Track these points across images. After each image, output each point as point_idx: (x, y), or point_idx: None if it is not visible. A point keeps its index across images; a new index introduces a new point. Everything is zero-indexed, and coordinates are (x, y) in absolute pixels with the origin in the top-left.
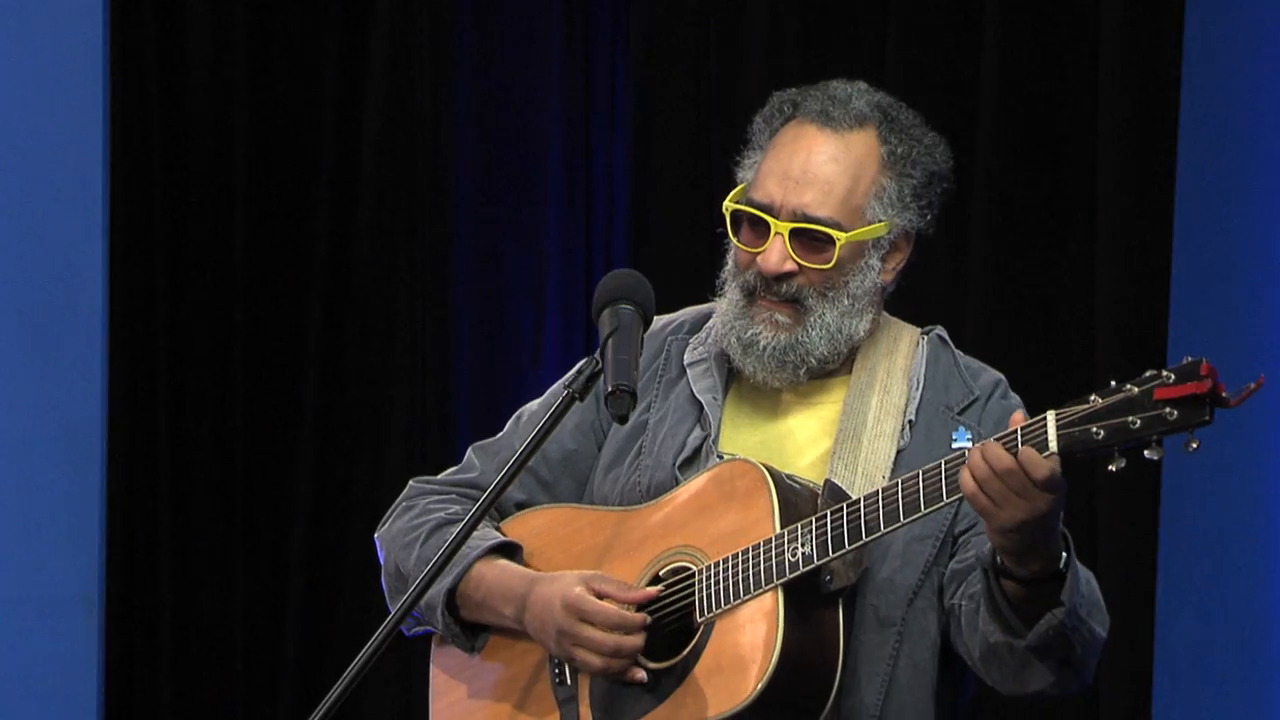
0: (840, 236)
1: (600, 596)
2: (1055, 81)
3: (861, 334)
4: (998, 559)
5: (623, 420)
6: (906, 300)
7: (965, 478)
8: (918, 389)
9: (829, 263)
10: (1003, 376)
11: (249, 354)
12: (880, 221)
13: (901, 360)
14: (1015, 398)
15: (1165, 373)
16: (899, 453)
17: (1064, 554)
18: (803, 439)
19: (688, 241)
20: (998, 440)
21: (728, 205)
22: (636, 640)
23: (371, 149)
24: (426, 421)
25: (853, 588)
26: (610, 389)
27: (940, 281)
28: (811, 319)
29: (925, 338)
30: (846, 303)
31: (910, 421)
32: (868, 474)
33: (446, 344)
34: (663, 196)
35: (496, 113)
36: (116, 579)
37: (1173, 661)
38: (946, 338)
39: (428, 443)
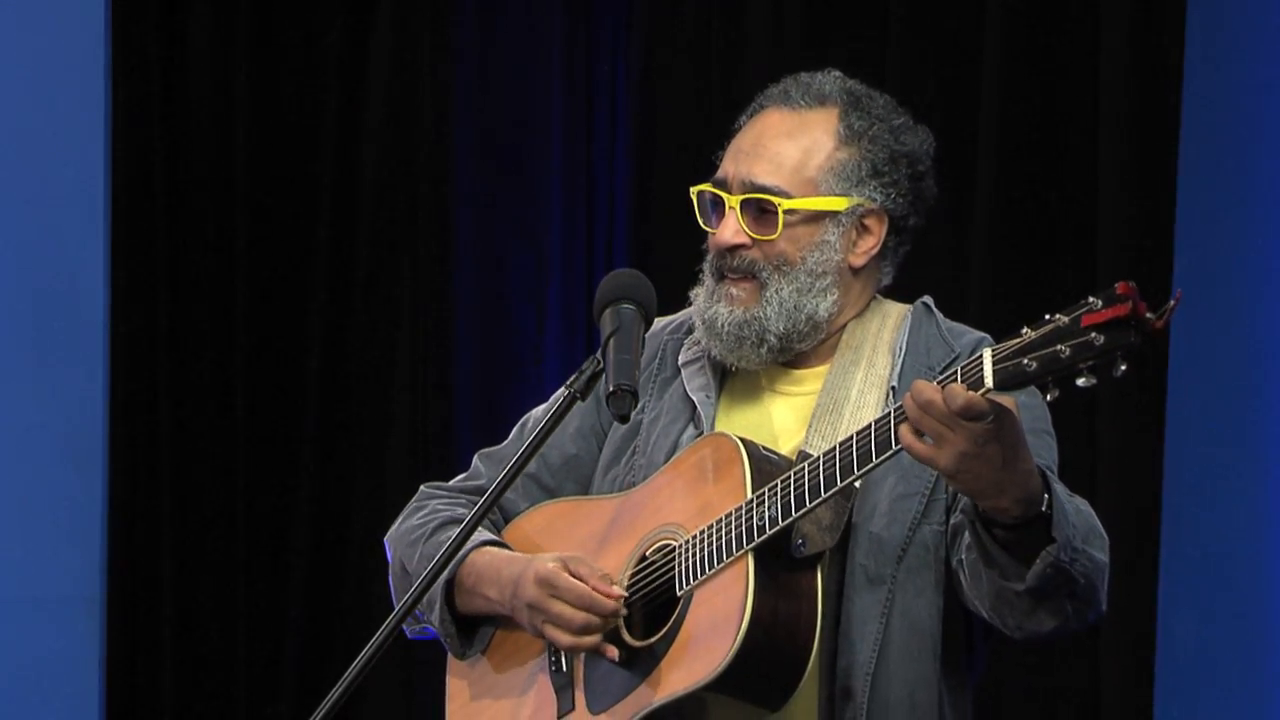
0: (781, 203)
1: (576, 576)
2: (1057, 81)
3: (823, 313)
4: (979, 508)
5: (624, 419)
6: (907, 300)
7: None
8: (900, 357)
9: (774, 232)
10: (987, 335)
11: (250, 354)
12: (837, 195)
13: (888, 335)
14: None
15: (1092, 299)
16: None
17: (1045, 494)
18: (790, 425)
19: (689, 241)
20: (937, 381)
21: (693, 190)
22: (604, 622)
23: (372, 150)
24: (428, 422)
25: (837, 552)
26: (612, 388)
27: (940, 281)
28: (768, 294)
29: (911, 309)
30: (805, 279)
31: (894, 388)
32: None
33: (448, 345)
34: (664, 197)
35: (498, 113)
36: (118, 579)
37: (1174, 663)
38: (932, 306)
39: (429, 443)
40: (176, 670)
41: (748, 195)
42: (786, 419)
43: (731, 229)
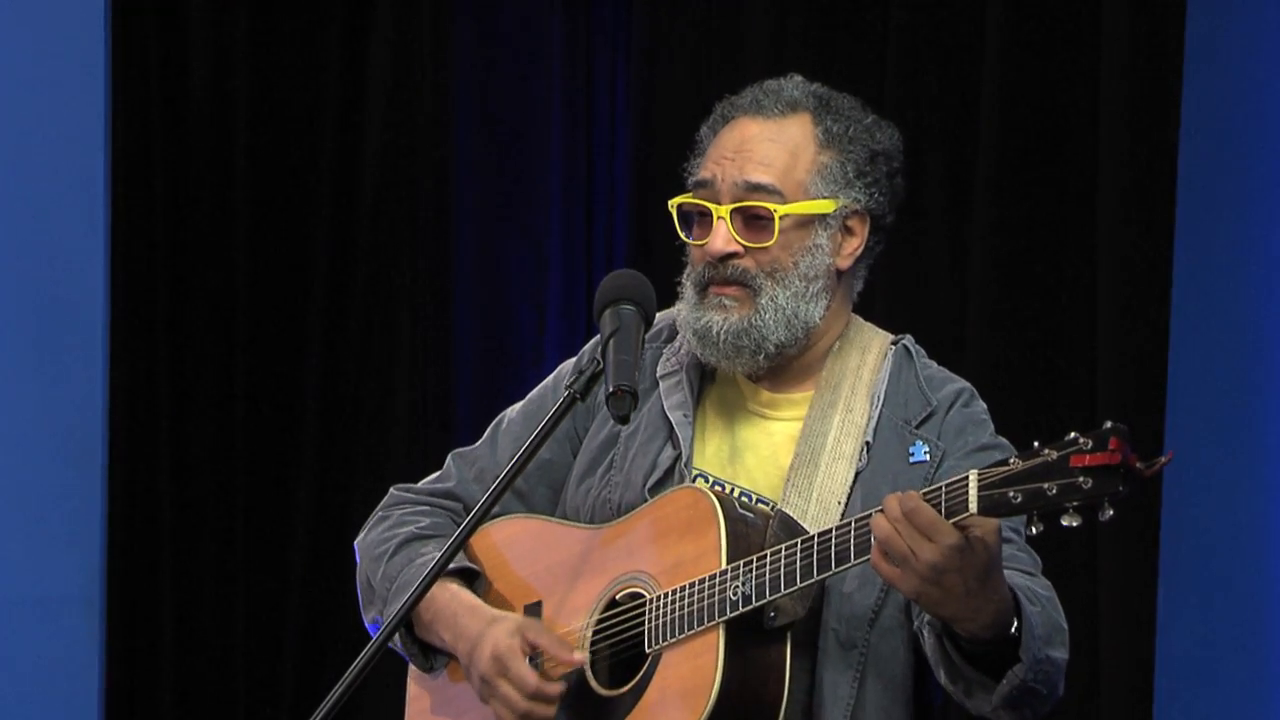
0: (778, 209)
1: (534, 648)
2: (1057, 81)
3: (816, 319)
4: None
5: (624, 420)
6: (908, 309)
7: (876, 525)
8: (878, 407)
9: (770, 239)
10: (968, 385)
11: (250, 354)
12: (825, 198)
13: (868, 375)
14: (979, 405)
15: (1083, 439)
16: (857, 475)
17: (1015, 620)
18: (767, 455)
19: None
20: (921, 494)
21: (672, 203)
22: (548, 710)
23: (372, 151)
24: (428, 424)
25: (808, 619)
26: (612, 389)
27: (940, 282)
28: (763, 300)
29: (893, 349)
30: (798, 284)
31: (868, 443)
32: (822, 500)
33: (447, 346)
34: (664, 197)
35: (498, 113)
36: (117, 579)
37: (1173, 662)
38: (913, 349)
39: (429, 445)
40: (176, 671)
41: (737, 204)
42: (763, 449)
43: (722, 238)
